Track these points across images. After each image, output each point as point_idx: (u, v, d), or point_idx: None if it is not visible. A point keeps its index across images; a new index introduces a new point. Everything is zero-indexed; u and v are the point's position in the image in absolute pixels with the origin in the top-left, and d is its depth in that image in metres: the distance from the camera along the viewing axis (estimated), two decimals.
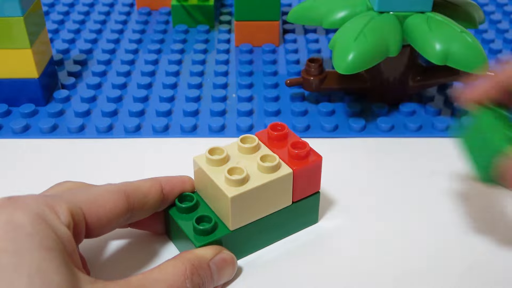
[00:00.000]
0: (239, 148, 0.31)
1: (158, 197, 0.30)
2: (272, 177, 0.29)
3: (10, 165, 0.38)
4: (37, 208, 0.24)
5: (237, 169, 0.29)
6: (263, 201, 0.29)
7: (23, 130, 0.41)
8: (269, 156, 0.30)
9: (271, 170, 0.29)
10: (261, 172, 0.29)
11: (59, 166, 0.38)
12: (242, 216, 0.29)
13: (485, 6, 0.60)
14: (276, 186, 0.29)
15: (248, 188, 0.28)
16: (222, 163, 0.30)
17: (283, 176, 0.29)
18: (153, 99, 0.45)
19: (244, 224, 0.30)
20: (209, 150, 0.30)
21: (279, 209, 0.31)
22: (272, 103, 0.44)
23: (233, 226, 0.29)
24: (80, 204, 0.26)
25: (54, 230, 0.24)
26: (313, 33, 0.55)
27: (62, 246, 0.23)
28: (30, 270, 0.22)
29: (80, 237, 0.26)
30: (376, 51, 0.38)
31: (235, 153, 0.31)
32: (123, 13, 0.59)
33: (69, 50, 0.52)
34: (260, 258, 0.31)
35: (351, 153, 0.39)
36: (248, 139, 0.31)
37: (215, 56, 0.51)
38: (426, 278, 0.30)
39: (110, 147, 0.40)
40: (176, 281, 0.26)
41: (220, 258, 0.28)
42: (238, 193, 0.28)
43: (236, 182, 0.28)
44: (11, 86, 0.43)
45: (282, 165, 0.30)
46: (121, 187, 0.28)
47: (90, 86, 0.46)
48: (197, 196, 0.31)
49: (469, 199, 0.35)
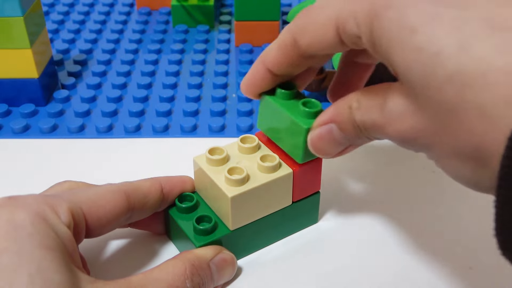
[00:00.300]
0: (239, 148, 0.31)
1: (158, 197, 0.30)
2: (272, 177, 0.29)
3: (10, 165, 0.38)
4: (37, 207, 0.24)
5: (237, 169, 0.29)
6: (263, 201, 0.29)
7: (23, 130, 0.41)
8: (269, 156, 0.30)
9: (271, 170, 0.29)
10: (261, 172, 0.29)
11: (59, 166, 0.38)
12: (242, 216, 0.29)
13: None
14: (276, 186, 0.29)
15: (248, 188, 0.28)
16: (222, 163, 0.30)
17: (283, 176, 0.29)
18: (153, 99, 0.45)
19: (244, 224, 0.30)
20: (209, 150, 0.30)
21: (279, 209, 0.31)
22: None
23: (233, 226, 0.29)
24: (81, 204, 0.26)
25: (54, 229, 0.24)
26: None
27: (63, 246, 0.23)
28: (31, 269, 0.22)
29: (80, 236, 0.26)
30: None
31: (235, 153, 0.31)
32: (123, 13, 0.59)
33: (69, 50, 0.52)
34: (260, 258, 0.31)
35: (351, 152, 0.39)
36: (248, 139, 0.31)
37: (215, 56, 0.51)
38: (426, 278, 0.30)
39: (110, 147, 0.40)
40: (176, 280, 0.26)
41: (220, 258, 0.28)
42: (238, 193, 0.28)
43: (236, 182, 0.28)
44: (11, 86, 0.43)
45: (282, 165, 0.30)
46: (121, 187, 0.28)
47: (90, 86, 0.46)
48: (197, 196, 0.31)
49: (470, 198, 0.35)
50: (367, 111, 0.24)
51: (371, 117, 0.24)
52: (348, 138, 0.26)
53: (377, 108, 0.24)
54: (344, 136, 0.26)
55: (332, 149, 0.27)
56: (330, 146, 0.27)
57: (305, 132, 0.28)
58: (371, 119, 0.24)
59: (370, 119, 0.24)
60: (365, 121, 0.24)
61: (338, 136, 0.26)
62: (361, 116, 0.25)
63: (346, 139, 0.26)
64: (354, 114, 0.25)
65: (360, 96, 0.25)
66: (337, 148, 0.27)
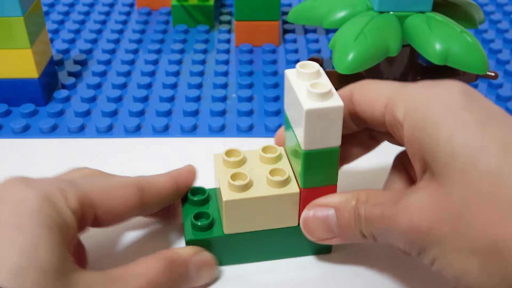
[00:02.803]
0: (260, 156, 0.30)
1: (172, 192, 0.30)
2: (275, 192, 0.28)
3: (10, 165, 0.38)
4: (47, 189, 0.25)
5: (242, 176, 0.28)
6: (263, 214, 0.29)
7: (23, 130, 0.41)
8: (281, 171, 0.29)
9: (277, 185, 0.28)
10: (267, 184, 0.28)
11: (59, 166, 0.38)
12: (238, 223, 0.29)
13: (485, 6, 0.60)
14: (279, 203, 0.28)
15: (246, 197, 0.28)
16: (235, 166, 0.29)
17: (287, 194, 0.28)
18: (153, 99, 0.45)
19: (240, 231, 0.29)
20: (227, 151, 0.30)
21: (283, 226, 0.29)
22: (272, 103, 0.44)
23: (227, 230, 0.29)
24: (92, 194, 0.26)
25: (59, 212, 0.24)
26: (313, 33, 0.55)
27: (63, 230, 0.24)
28: (26, 244, 0.22)
29: (85, 226, 0.26)
30: (376, 51, 0.38)
31: (255, 160, 0.30)
32: (123, 13, 0.59)
33: (69, 50, 0.52)
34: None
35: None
36: (271, 149, 0.30)
37: (215, 56, 0.51)
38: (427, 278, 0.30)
39: (110, 147, 0.40)
40: (154, 276, 0.26)
41: (199, 258, 0.28)
42: (233, 198, 0.28)
43: (236, 188, 0.28)
44: (11, 86, 0.43)
45: (291, 182, 0.28)
46: (136, 182, 0.28)
47: (90, 86, 0.46)
48: (212, 191, 0.31)
49: None
50: (375, 204, 0.25)
51: (380, 209, 0.25)
52: (339, 228, 0.27)
53: (389, 201, 0.25)
54: (337, 225, 0.27)
55: (319, 232, 0.28)
56: (319, 229, 0.28)
57: (304, 155, 0.27)
58: (380, 211, 0.25)
59: (378, 211, 0.25)
60: (371, 211, 0.25)
61: (331, 222, 0.27)
62: (367, 209, 0.26)
63: (337, 229, 0.27)
64: (359, 206, 0.26)
65: (369, 192, 0.26)
66: (325, 234, 0.28)
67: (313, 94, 0.25)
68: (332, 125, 0.26)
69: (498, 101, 0.45)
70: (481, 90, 0.46)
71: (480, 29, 0.56)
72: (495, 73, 0.41)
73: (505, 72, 0.49)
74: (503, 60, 0.50)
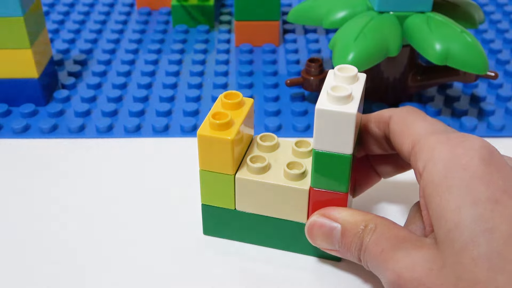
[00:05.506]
0: (292, 149, 0.31)
1: None
2: (283, 183, 0.29)
3: (10, 165, 0.38)
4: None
5: (261, 159, 0.30)
6: (272, 201, 0.29)
7: (23, 130, 0.41)
8: (299, 165, 0.30)
9: (290, 178, 0.29)
10: (282, 175, 0.29)
11: (59, 166, 0.38)
12: (246, 202, 0.30)
13: (485, 6, 0.61)
14: (287, 195, 0.29)
15: (255, 179, 0.29)
16: (263, 151, 0.31)
17: (295, 188, 0.29)
18: (153, 99, 0.45)
19: (248, 211, 0.30)
20: (261, 136, 0.31)
21: (292, 220, 0.30)
22: (272, 103, 0.44)
23: (236, 206, 0.30)
24: None
25: None
26: (313, 33, 0.55)
27: None
28: None
29: None
30: (376, 51, 0.38)
31: (286, 151, 0.31)
32: (123, 13, 0.59)
33: (69, 50, 0.52)
34: None
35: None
36: (303, 143, 0.31)
37: (215, 56, 0.51)
38: None
39: (110, 147, 0.40)
40: None
41: None
42: (242, 177, 0.29)
43: (250, 169, 0.29)
44: (11, 86, 0.43)
45: (304, 179, 0.29)
46: None
47: (90, 86, 0.46)
48: None
49: None
50: (380, 237, 0.25)
51: (381, 248, 0.25)
52: (341, 245, 0.27)
53: (393, 241, 0.25)
54: (339, 242, 0.27)
55: (321, 241, 0.28)
56: (322, 239, 0.28)
57: (314, 154, 0.27)
58: (381, 249, 0.25)
59: (379, 248, 0.25)
60: (373, 246, 0.25)
61: (335, 238, 0.27)
62: (371, 241, 0.26)
63: (338, 245, 0.27)
64: (365, 234, 0.26)
65: (380, 221, 0.26)
66: (326, 245, 0.28)
67: (331, 96, 0.26)
68: (343, 130, 0.26)
69: (498, 101, 0.45)
70: (481, 90, 0.46)
71: (480, 29, 0.56)
72: (495, 73, 0.41)
73: (505, 72, 0.49)
74: (503, 60, 0.50)
